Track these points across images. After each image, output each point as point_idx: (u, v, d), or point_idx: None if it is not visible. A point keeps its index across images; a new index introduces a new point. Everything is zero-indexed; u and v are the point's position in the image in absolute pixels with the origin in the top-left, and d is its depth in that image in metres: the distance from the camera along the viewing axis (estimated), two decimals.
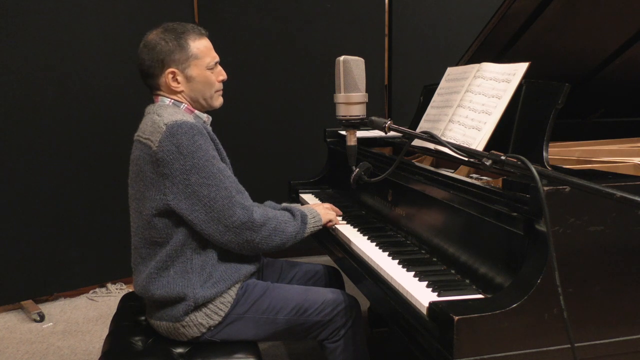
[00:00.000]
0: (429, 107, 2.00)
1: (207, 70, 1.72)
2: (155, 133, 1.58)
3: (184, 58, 1.68)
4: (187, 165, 1.56)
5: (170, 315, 1.65)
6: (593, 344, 1.26)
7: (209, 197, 1.58)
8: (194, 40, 1.69)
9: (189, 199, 1.58)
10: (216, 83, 1.77)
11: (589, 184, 1.04)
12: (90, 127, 3.08)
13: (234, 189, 1.63)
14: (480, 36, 2.03)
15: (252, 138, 3.62)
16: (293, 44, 3.59)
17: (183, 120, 1.58)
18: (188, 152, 1.56)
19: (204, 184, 1.58)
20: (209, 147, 1.61)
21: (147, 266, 1.67)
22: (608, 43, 2.04)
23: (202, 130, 1.61)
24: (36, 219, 3.06)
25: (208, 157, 1.59)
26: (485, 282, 1.38)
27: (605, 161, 1.73)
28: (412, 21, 3.73)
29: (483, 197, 1.40)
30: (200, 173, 1.57)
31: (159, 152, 1.56)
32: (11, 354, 2.63)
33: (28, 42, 2.93)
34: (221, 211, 1.59)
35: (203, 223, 1.60)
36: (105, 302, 3.18)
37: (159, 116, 1.62)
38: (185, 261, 1.64)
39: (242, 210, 1.61)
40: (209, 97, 1.76)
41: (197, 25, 1.74)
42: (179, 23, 1.72)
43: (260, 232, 1.64)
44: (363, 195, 2.19)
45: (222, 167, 1.63)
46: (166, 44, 1.66)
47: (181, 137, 1.56)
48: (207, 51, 1.72)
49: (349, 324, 1.73)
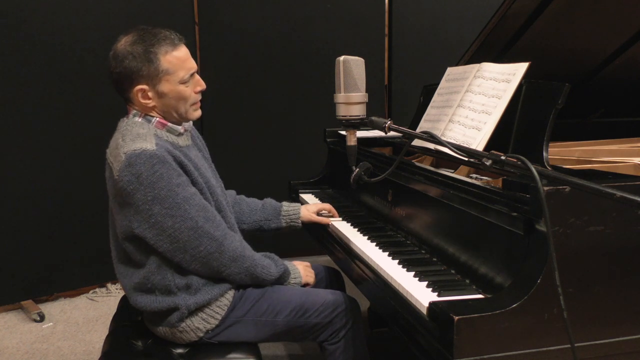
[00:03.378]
0: (429, 107, 2.00)
1: (180, 84, 1.58)
2: (116, 161, 1.51)
3: (153, 74, 1.55)
4: (148, 196, 1.48)
5: (165, 321, 1.63)
6: (593, 344, 1.26)
7: (174, 227, 1.51)
8: (164, 54, 1.54)
9: (152, 229, 1.52)
10: (192, 96, 1.62)
11: (589, 184, 1.04)
12: (90, 127, 3.08)
13: (202, 218, 1.55)
14: (480, 36, 2.03)
15: (252, 138, 3.62)
16: (293, 44, 3.59)
17: (142, 150, 1.48)
18: (148, 183, 1.48)
19: (167, 215, 1.50)
20: (172, 175, 1.51)
21: (128, 285, 1.65)
22: (608, 43, 2.04)
23: (164, 157, 1.50)
24: (36, 218, 3.06)
25: (171, 187, 1.50)
26: (485, 282, 1.38)
27: (605, 161, 1.73)
28: (412, 21, 3.73)
29: (483, 197, 1.40)
30: (163, 204, 1.50)
31: (120, 181, 1.49)
32: (11, 354, 2.63)
33: (28, 42, 2.93)
34: (187, 242, 1.53)
35: (168, 252, 1.55)
36: (105, 302, 3.18)
37: (123, 140, 1.53)
38: (167, 283, 1.59)
39: (210, 241, 1.55)
40: (183, 112, 1.62)
41: (172, 33, 1.59)
42: (151, 31, 1.57)
43: (229, 266, 1.61)
44: (363, 195, 2.19)
45: (188, 196, 1.53)
46: (134, 59, 1.53)
47: (140, 167, 1.47)
48: (180, 64, 1.57)
49: (348, 325, 1.72)
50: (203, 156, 1.81)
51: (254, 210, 2.02)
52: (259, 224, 2.02)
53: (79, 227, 3.16)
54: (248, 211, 2.01)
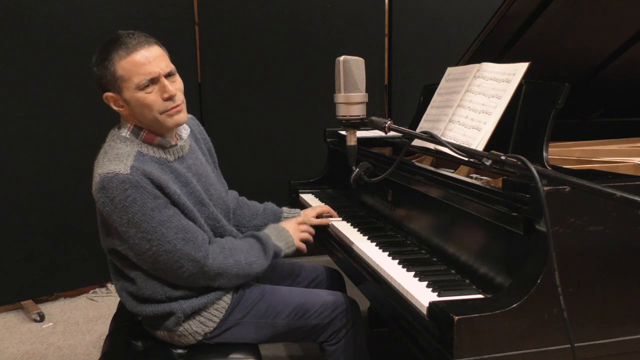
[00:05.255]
0: (429, 107, 2.00)
1: (138, 91, 1.48)
2: (93, 180, 1.49)
3: (112, 81, 1.50)
4: (123, 219, 1.46)
5: (163, 326, 1.62)
6: (593, 344, 1.26)
7: (151, 251, 1.49)
8: (118, 60, 1.47)
9: (132, 250, 1.51)
10: (157, 103, 1.50)
11: (589, 184, 1.04)
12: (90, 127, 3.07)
13: (181, 240, 1.50)
14: (480, 36, 2.03)
15: (252, 138, 3.62)
16: (293, 43, 3.59)
17: (115, 174, 1.43)
18: (122, 207, 1.44)
19: (144, 239, 1.47)
20: (145, 199, 1.45)
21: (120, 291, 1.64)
22: (608, 43, 2.04)
23: (137, 182, 1.44)
24: (36, 219, 3.06)
25: (145, 211, 1.45)
26: (485, 282, 1.38)
27: (605, 161, 1.73)
28: (412, 21, 3.73)
29: (483, 197, 1.40)
30: (138, 227, 1.46)
31: (97, 202, 1.48)
32: (11, 354, 2.63)
33: (28, 42, 2.93)
34: (167, 264, 1.51)
35: (153, 271, 1.54)
36: (105, 302, 3.18)
37: (102, 159, 1.50)
38: (159, 297, 1.58)
39: (190, 263, 1.51)
40: (153, 120, 1.52)
41: (134, 37, 1.50)
42: (115, 37, 1.50)
43: (217, 280, 1.59)
44: (363, 195, 2.19)
45: (164, 219, 1.48)
46: (97, 67, 1.51)
47: (113, 191, 1.44)
48: (134, 69, 1.47)
49: (348, 326, 1.72)
50: (206, 161, 1.79)
51: (254, 214, 2.01)
52: (259, 228, 2.01)
53: (79, 227, 3.16)
54: (249, 215, 2.00)
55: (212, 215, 1.67)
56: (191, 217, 1.57)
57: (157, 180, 1.48)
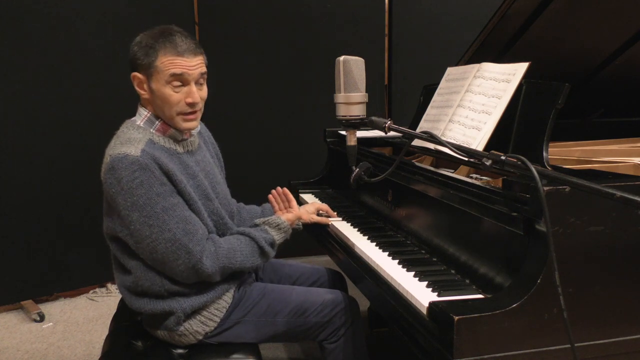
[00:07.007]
0: (429, 107, 2.00)
1: (167, 85, 1.52)
2: (104, 162, 1.51)
3: (146, 67, 1.53)
4: (128, 202, 1.47)
5: (163, 325, 1.62)
6: (593, 344, 1.26)
7: (151, 238, 1.48)
8: (163, 55, 1.51)
9: (132, 237, 1.51)
10: (179, 104, 1.54)
11: (589, 184, 1.04)
12: (90, 128, 3.08)
13: (181, 231, 1.50)
14: (480, 36, 2.03)
15: (252, 138, 3.62)
16: (293, 44, 3.59)
17: (126, 154, 1.46)
18: (128, 188, 1.46)
19: (145, 224, 1.47)
20: (152, 183, 1.47)
21: (121, 287, 1.65)
22: (608, 43, 2.04)
23: (146, 164, 1.46)
24: (36, 219, 3.06)
25: (150, 195, 1.47)
26: (485, 282, 1.38)
27: (605, 161, 1.73)
28: (412, 21, 3.73)
29: (483, 197, 1.40)
30: (141, 211, 1.47)
31: (104, 183, 1.50)
32: (11, 354, 2.63)
33: (28, 42, 2.93)
34: (164, 254, 1.50)
35: (150, 262, 1.54)
36: (105, 302, 3.18)
37: (114, 142, 1.54)
38: (157, 289, 1.57)
39: (187, 256, 1.51)
40: (168, 116, 1.57)
41: (187, 41, 1.54)
42: (170, 32, 1.54)
43: (213, 277, 1.58)
44: (363, 195, 2.19)
45: (168, 206, 1.49)
46: (139, 47, 1.54)
47: (121, 172, 1.45)
48: (172, 69, 1.52)
49: (347, 324, 1.72)
50: (214, 163, 1.80)
51: (254, 216, 2.00)
52: None
53: (79, 227, 3.16)
54: (248, 218, 1.99)
55: (217, 210, 1.68)
56: (195, 209, 1.58)
57: (166, 167, 1.51)
